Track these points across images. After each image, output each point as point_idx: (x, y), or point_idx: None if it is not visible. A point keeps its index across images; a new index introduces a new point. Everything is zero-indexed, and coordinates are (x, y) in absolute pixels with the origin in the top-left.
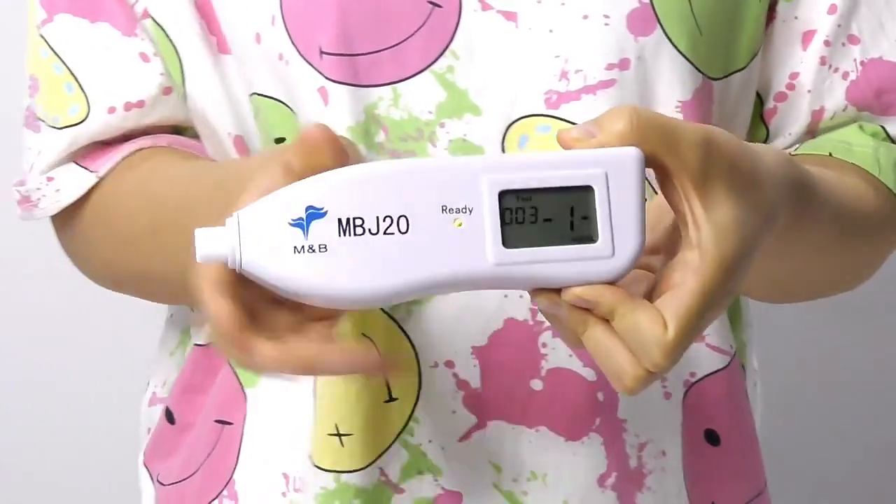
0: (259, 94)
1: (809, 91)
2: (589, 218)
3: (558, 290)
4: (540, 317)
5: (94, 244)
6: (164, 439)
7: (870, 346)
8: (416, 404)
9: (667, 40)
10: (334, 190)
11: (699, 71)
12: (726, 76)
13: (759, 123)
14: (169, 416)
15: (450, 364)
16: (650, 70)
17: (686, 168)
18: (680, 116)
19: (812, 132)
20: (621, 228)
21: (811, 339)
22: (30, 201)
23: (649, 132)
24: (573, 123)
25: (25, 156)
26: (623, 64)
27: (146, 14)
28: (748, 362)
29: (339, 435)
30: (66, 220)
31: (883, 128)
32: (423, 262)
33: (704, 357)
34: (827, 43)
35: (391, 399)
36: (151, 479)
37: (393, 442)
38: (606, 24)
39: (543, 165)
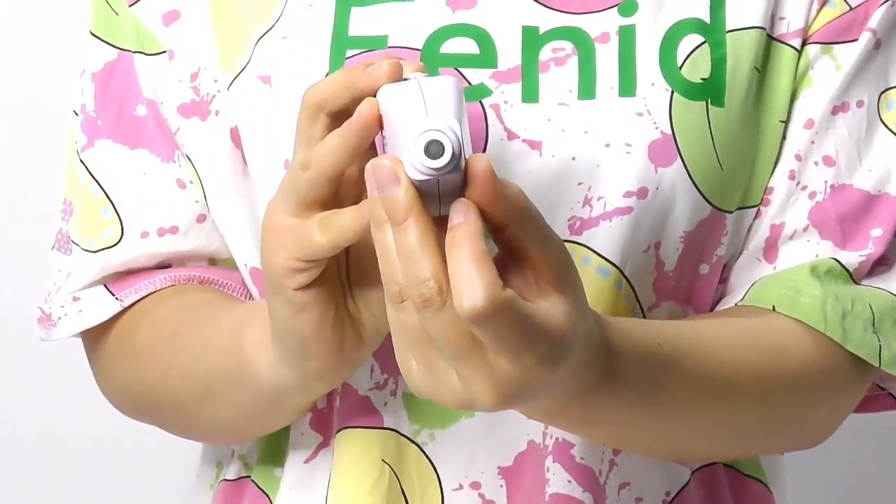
0: None
1: (773, 203)
2: None
3: None
4: (548, 440)
5: (114, 369)
6: None
7: None
8: None
9: (685, 172)
10: None
11: (710, 203)
12: (740, 209)
13: None
14: None
15: (475, 485)
16: (666, 200)
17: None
18: (682, 246)
19: (772, 247)
20: None
21: None
22: (49, 320)
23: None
24: (594, 251)
25: (51, 277)
26: (641, 193)
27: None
28: (759, 472)
29: None
30: (93, 346)
31: (837, 261)
32: None
33: (675, 473)
34: (798, 157)
35: None
36: None
37: None
38: (628, 153)
39: None
